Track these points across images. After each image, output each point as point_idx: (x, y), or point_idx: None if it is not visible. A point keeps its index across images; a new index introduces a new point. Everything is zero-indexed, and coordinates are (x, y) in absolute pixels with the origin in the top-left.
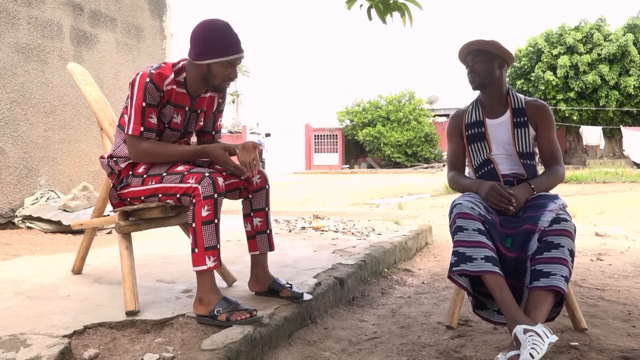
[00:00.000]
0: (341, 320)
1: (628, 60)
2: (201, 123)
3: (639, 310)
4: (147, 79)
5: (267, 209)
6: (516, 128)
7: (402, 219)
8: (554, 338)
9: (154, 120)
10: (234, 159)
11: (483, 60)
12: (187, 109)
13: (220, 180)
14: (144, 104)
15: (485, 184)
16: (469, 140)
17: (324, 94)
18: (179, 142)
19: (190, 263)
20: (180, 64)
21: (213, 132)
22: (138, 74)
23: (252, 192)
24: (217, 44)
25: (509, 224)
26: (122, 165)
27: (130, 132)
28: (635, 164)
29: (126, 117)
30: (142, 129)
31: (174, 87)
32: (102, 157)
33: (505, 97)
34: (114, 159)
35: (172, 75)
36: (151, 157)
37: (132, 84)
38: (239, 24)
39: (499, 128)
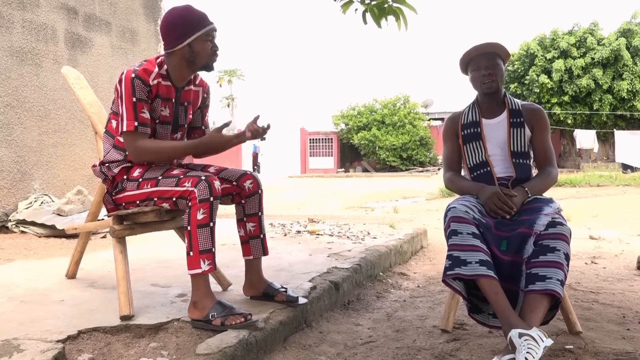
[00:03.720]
0: (336, 324)
1: (621, 65)
2: (190, 116)
3: (633, 313)
4: (133, 75)
5: (260, 213)
6: (512, 128)
7: (397, 222)
8: (549, 342)
9: (146, 115)
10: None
11: (499, 64)
12: (173, 100)
13: (216, 183)
14: (134, 99)
15: (487, 188)
16: (465, 140)
17: (319, 98)
18: (173, 137)
19: (185, 267)
20: (161, 58)
21: (203, 127)
22: (122, 73)
23: (245, 198)
24: (189, 23)
25: (504, 227)
26: (116, 171)
27: (125, 129)
28: (628, 167)
29: (114, 123)
30: (136, 123)
31: (160, 80)
32: (94, 166)
33: (502, 99)
34: (106, 164)
35: (157, 69)
36: (150, 154)
37: (119, 83)
38: (233, 29)
39: (496, 127)
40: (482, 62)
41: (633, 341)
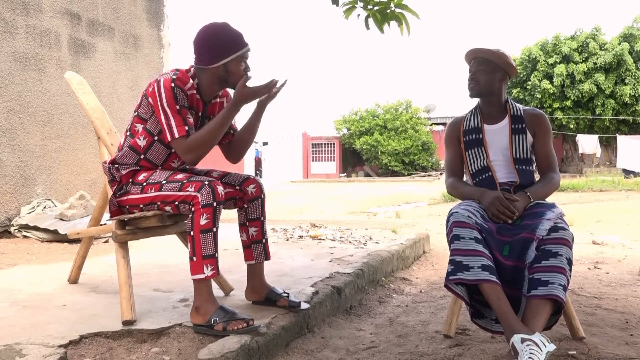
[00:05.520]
0: (339, 330)
1: (624, 69)
2: None
3: (637, 319)
4: (172, 84)
5: (262, 218)
6: (514, 134)
7: (399, 227)
8: (551, 347)
9: (191, 120)
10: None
11: (486, 70)
12: (199, 114)
13: (219, 188)
14: (177, 107)
15: (489, 193)
16: (467, 146)
17: (321, 103)
18: None
19: (187, 272)
20: (192, 70)
21: (231, 131)
22: (158, 82)
23: (247, 202)
24: (226, 43)
25: (507, 232)
26: (123, 172)
27: (177, 135)
28: (630, 172)
29: (138, 127)
30: (187, 128)
31: (194, 92)
32: (105, 163)
33: (504, 105)
34: (116, 165)
35: (191, 81)
36: (201, 146)
37: (158, 93)
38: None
39: (497, 133)
40: (472, 66)
41: (636, 347)
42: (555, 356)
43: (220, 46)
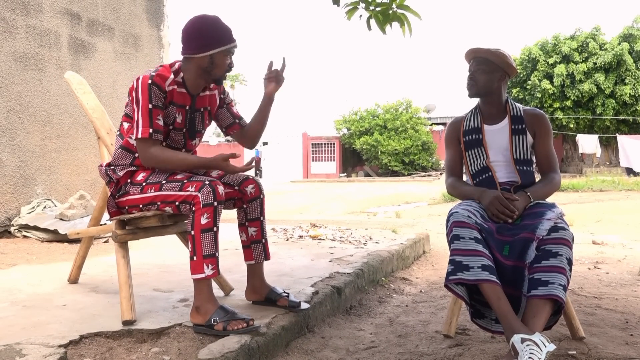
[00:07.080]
0: (339, 329)
1: (624, 69)
2: (208, 122)
3: (637, 319)
4: (150, 81)
5: (262, 218)
6: (514, 135)
7: (399, 227)
8: (551, 347)
9: (161, 122)
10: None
11: (485, 70)
12: (187, 107)
13: (220, 188)
14: (150, 106)
15: (489, 192)
16: (467, 146)
17: (321, 103)
18: (190, 144)
19: (187, 272)
20: (177, 65)
21: (237, 121)
22: (138, 79)
23: (247, 202)
24: (216, 35)
25: (507, 232)
26: (120, 174)
27: (139, 136)
28: (631, 171)
29: (125, 125)
30: (150, 130)
31: (175, 87)
32: (100, 166)
33: (504, 106)
34: (112, 167)
35: (172, 76)
36: (160, 163)
37: (135, 89)
38: (235, 33)
39: (497, 134)
40: (471, 66)
41: (636, 347)
42: (555, 356)
43: (209, 36)
